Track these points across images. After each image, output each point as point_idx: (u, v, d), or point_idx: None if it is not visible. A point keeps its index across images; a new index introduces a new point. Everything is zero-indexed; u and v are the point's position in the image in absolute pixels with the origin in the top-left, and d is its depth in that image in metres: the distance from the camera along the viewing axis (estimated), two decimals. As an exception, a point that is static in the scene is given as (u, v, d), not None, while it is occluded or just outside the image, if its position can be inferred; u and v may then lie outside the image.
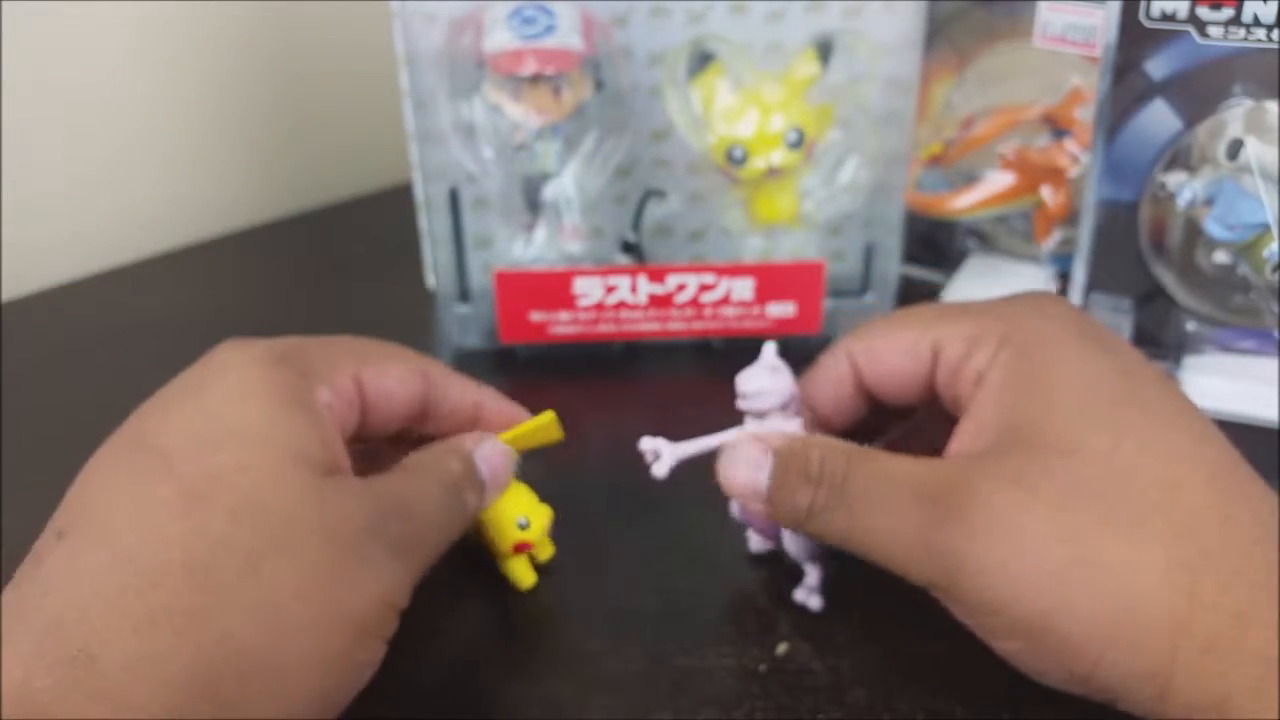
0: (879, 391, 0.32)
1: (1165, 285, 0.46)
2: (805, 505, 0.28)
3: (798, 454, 0.29)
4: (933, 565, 0.26)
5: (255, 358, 0.28)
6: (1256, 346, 0.46)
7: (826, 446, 0.29)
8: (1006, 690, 0.30)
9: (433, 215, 0.49)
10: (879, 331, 0.32)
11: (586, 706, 0.30)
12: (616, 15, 0.46)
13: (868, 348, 0.32)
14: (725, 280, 0.47)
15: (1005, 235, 0.56)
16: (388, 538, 0.26)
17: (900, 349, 0.31)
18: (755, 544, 0.35)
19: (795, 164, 0.44)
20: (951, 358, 0.30)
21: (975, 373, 0.29)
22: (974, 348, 0.29)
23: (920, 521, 0.26)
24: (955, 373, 0.30)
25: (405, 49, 0.47)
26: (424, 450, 0.31)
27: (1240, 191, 0.43)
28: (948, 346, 0.30)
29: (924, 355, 0.31)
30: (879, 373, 0.32)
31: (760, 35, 0.46)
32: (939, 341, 0.30)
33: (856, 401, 0.33)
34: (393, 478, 0.29)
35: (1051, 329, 0.29)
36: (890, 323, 0.32)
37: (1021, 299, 0.31)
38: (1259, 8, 0.41)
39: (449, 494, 0.29)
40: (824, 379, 0.33)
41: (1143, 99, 0.44)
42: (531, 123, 0.44)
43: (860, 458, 0.28)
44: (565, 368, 0.49)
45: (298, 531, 0.25)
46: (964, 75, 0.54)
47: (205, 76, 0.65)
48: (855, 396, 0.33)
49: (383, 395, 0.31)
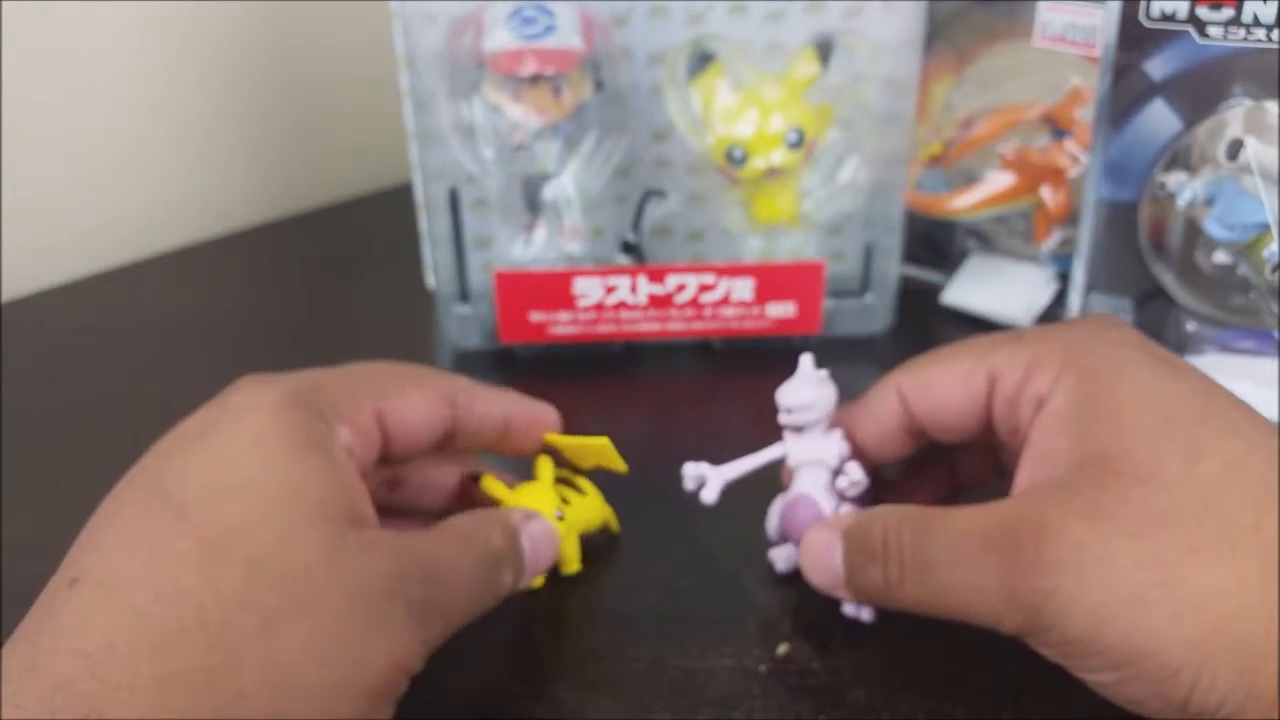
0: (930, 425, 0.31)
1: (1165, 285, 0.46)
2: (879, 582, 0.28)
3: (862, 532, 0.28)
4: (1020, 613, 0.25)
5: (272, 401, 0.27)
6: (1256, 346, 0.46)
7: (889, 517, 0.28)
8: (1007, 691, 0.30)
9: (433, 215, 0.49)
10: (930, 363, 0.31)
11: (588, 706, 0.30)
12: (616, 15, 0.46)
13: (918, 380, 0.31)
14: (725, 280, 0.47)
15: (1005, 235, 0.56)
16: (408, 599, 0.25)
17: (953, 379, 0.30)
18: (782, 564, 0.34)
19: (795, 164, 0.44)
20: (1009, 384, 0.29)
21: (1035, 398, 0.28)
22: (1033, 372, 0.28)
23: (1000, 572, 0.25)
24: (1013, 400, 0.29)
25: (405, 49, 0.47)
26: (468, 515, 0.30)
27: (1240, 192, 0.43)
28: (1005, 373, 0.29)
29: (979, 384, 0.30)
30: (931, 404, 0.31)
31: (760, 35, 0.47)
32: (995, 369, 0.29)
33: (903, 438, 0.32)
34: (427, 537, 0.28)
35: (1117, 352, 0.28)
36: (942, 354, 0.31)
37: (1081, 323, 0.30)
38: (1259, 8, 0.41)
39: (486, 565, 0.28)
40: (870, 415, 0.32)
41: (1142, 99, 0.44)
42: (531, 123, 0.44)
43: (924, 521, 0.27)
44: (565, 368, 0.49)
45: (314, 590, 0.24)
46: (964, 75, 0.54)
47: (206, 76, 0.65)
48: (902, 432, 0.32)
49: (405, 427, 0.30)
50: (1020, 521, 0.26)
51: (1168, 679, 0.24)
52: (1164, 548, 0.24)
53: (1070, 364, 0.28)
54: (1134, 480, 0.25)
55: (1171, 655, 0.24)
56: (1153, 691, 0.24)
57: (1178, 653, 0.24)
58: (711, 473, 0.32)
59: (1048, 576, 0.25)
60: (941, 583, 0.27)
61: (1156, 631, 0.24)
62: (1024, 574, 0.25)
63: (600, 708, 0.30)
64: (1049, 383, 0.28)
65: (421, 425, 0.31)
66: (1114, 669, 0.25)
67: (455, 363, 0.50)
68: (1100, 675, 0.25)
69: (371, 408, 0.29)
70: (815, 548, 0.30)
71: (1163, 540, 0.24)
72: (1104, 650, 0.24)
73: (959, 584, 0.26)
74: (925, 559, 0.27)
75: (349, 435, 0.28)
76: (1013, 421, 0.29)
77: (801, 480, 0.32)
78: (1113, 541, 0.24)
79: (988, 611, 0.26)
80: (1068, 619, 0.24)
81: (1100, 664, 0.25)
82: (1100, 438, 0.26)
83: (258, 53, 0.67)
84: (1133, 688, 0.25)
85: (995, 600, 0.26)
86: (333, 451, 0.27)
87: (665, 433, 0.46)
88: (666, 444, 0.44)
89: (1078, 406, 0.27)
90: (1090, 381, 0.27)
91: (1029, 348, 0.29)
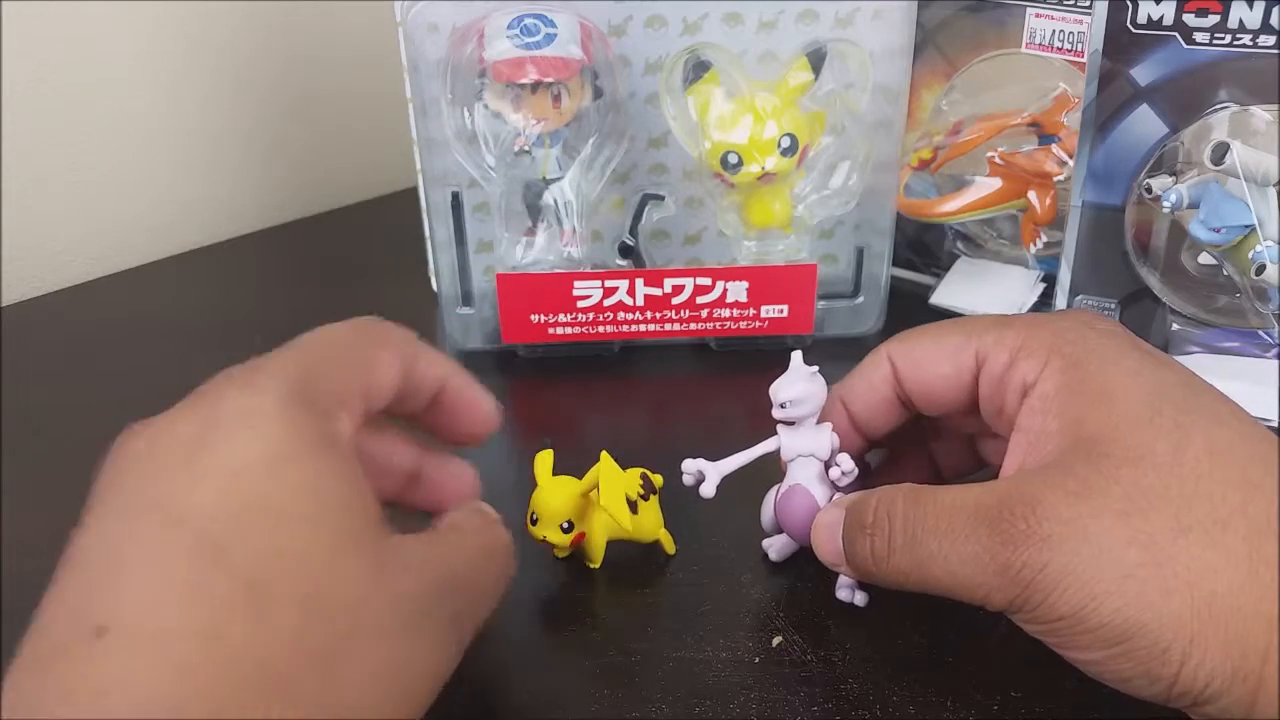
0: (918, 398, 0.32)
1: (1150, 287, 0.47)
2: (867, 555, 0.28)
3: (859, 506, 0.29)
4: (1009, 586, 0.25)
5: (273, 404, 0.24)
6: (1240, 347, 0.46)
7: (884, 492, 0.29)
8: (996, 683, 0.30)
9: (436, 220, 0.49)
10: (922, 336, 0.32)
11: (584, 697, 0.30)
12: (614, 25, 0.47)
13: (909, 351, 0.32)
14: (720, 282, 0.48)
15: (993, 239, 0.56)
16: (445, 616, 0.25)
17: (943, 354, 0.31)
18: (775, 554, 0.35)
19: (788, 170, 0.45)
20: (996, 367, 0.29)
21: (1022, 383, 0.29)
22: (1020, 357, 0.29)
23: (990, 544, 0.25)
24: (999, 382, 0.29)
25: (408, 58, 0.47)
26: (467, 514, 0.29)
27: (1225, 195, 0.44)
28: (992, 355, 0.30)
29: (967, 362, 0.30)
30: (919, 378, 0.32)
31: (754, 45, 0.47)
32: (983, 349, 0.30)
33: (894, 408, 0.33)
34: (446, 543, 0.27)
35: (1103, 341, 0.28)
36: (934, 329, 0.32)
37: (1066, 314, 0.31)
38: (1245, 13, 0.41)
39: (499, 564, 0.29)
40: (863, 382, 0.33)
41: (1129, 104, 0.45)
42: (532, 129, 0.44)
43: (916, 495, 0.28)
44: (565, 367, 0.50)
45: (366, 623, 0.23)
46: (953, 82, 0.54)
47: (215, 82, 0.66)
48: (893, 402, 0.33)
49: (378, 392, 0.28)
50: (1012, 497, 0.26)
51: (1157, 656, 0.24)
52: (1155, 527, 0.24)
53: (1057, 351, 0.28)
54: (1124, 461, 0.25)
55: (1163, 632, 0.24)
56: (1141, 669, 0.24)
57: (1169, 629, 0.24)
58: (709, 468, 0.33)
59: (1039, 551, 0.25)
60: (930, 554, 0.27)
61: (1147, 607, 0.24)
62: (1015, 548, 0.25)
63: (597, 698, 0.30)
64: (1036, 368, 0.28)
65: (388, 387, 0.28)
66: (1103, 646, 0.25)
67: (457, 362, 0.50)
68: (1089, 653, 0.25)
69: (360, 386, 0.27)
70: (822, 525, 0.30)
71: (1153, 520, 0.24)
72: (1095, 627, 0.24)
73: (948, 556, 0.26)
74: (916, 531, 0.27)
75: (348, 423, 0.26)
76: (998, 403, 0.30)
77: (795, 472, 0.33)
78: (1104, 519, 0.25)
79: (977, 585, 0.26)
80: (1058, 595, 0.25)
81: (1090, 641, 0.25)
82: (1090, 421, 0.27)
83: (266, 60, 0.68)
84: (1122, 665, 0.25)
85: (985, 573, 0.26)
86: (344, 450, 0.25)
87: (662, 430, 0.46)
88: (663, 440, 0.45)
89: (1067, 390, 0.27)
90: (1078, 367, 0.28)
91: (1017, 333, 0.30)
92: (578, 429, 0.46)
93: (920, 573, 0.27)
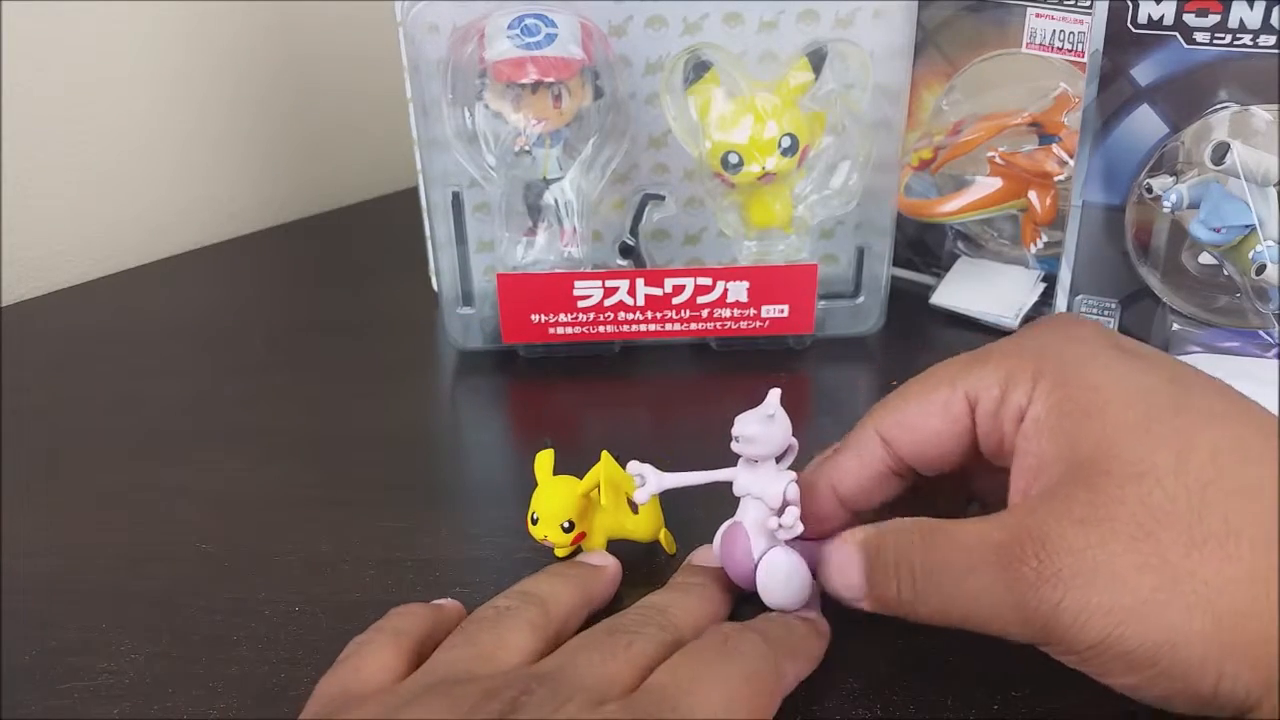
0: (917, 462, 0.31)
1: (1151, 287, 0.47)
2: (896, 597, 0.28)
3: (876, 546, 0.28)
4: (1031, 624, 0.25)
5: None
6: (1240, 347, 0.46)
7: (899, 531, 0.28)
8: (997, 683, 0.30)
9: (436, 220, 0.49)
10: (905, 401, 0.31)
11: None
12: (615, 25, 0.47)
13: (898, 420, 0.30)
14: (721, 282, 0.48)
15: (993, 239, 0.56)
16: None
17: (933, 410, 0.30)
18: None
19: (789, 170, 0.45)
20: (989, 404, 0.29)
21: (1017, 411, 0.28)
22: (1009, 387, 0.28)
23: (1006, 586, 0.25)
24: (995, 417, 0.29)
25: (409, 58, 0.47)
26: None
27: (1226, 195, 0.44)
28: (982, 394, 0.29)
29: (959, 410, 0.29)
30: (915, 441, 0.30)
31: (754, 45, 0.47)
32: (972, 392, 0.29)
33: (889, 481, 0.31)
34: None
35: (1084, 351, 0.28)
36: (913, 389, 0.31)
37: (1043, 326, 0.30)
38: (1245, 13, 0.41)
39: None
40: (852, 463, 0.31)
41: (1129, 104, 0.45)
42: (532, 129, 0.44)
43: (931, 537, 0.27)
44: (565, 367, 0.50)
45: None
46: (953, 82, 0.55)
47: (216, 82, 0.66)
48: (888, 476, 0.31)
49: None
50: (1020, 533, 0.25)
51: (1192, 673, 0.24)
52: (1166, 546, 0.24)
53: (1042, 372, 0.28)
54: (1126, 479, 0.25)
55: (1192, 650, 0.23)
56: (1179, 688, 0.24)
57: (1198, 648, 0.23)
58: (652, 475, 0.32)
59: (1053, 589, 0.24)
60: (952, 597, 0.26)
61: (1171, 629, 0.23)
62: (1029, 587, 0.25)
63: (600, 696, 0.30)
64: (1026, 393, 0.28)
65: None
66: (1138, 671, 0.24)
67: (458, 362, 0.51)
68: (1126, 678, 0.25)
69: None
70: (835, 563, 0.29)
71: (1164, 539, 0.24)
72: (1123, 654, 0.24)
73: (969, 598, 0.26)
74: (935, 574, 0.27)
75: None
76: (997, 437, 0.29)
77: (744, 510, 0.32)
78: (1113, 546, 0.24)
79: (1000, 625, 0.26)
80: (1080, 627, 0.24)
81: (1124, 667, 0.24)
82: (1084, 441, 0.26)
83: (266, 60, 0.68)
84: (1159, 686, 0.24)
85: (1005, 613, 0.25)
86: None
87: (662, 430, 0.46)
88: (663, 441, 0.45)
89: (1058, 411, 0.27)
90: (1064, 385, 0.27)
91: (999, 364, 0.29)
92: (578, 429, 0.46)
93: (946, 615, 0.27)
